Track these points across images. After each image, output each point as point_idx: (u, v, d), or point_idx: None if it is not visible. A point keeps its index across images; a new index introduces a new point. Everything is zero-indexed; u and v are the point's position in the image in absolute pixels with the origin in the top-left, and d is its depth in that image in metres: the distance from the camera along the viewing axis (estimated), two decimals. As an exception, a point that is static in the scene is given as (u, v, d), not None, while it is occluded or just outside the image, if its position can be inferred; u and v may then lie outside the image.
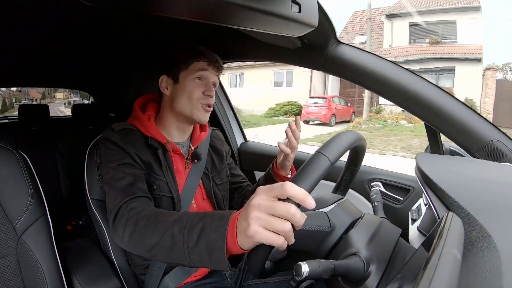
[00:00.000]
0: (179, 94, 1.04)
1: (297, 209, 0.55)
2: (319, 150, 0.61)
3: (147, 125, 1.02)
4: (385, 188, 1.39)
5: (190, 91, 1.03)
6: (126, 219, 0.82)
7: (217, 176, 1.17)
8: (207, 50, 1.07)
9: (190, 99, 1.03)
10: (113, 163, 0.94)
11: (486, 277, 0.47)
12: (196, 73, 1.03)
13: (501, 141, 0.92)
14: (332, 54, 1.06)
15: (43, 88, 11.47)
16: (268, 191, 0.58)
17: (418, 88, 0.97)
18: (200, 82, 1.04)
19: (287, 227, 0.55)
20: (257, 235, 0.56)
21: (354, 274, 0.61)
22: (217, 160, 1.20)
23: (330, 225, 0.71)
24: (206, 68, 1.04)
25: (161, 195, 0.99)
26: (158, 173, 1.00)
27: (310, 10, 0.75)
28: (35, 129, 2.18)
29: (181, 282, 1.02)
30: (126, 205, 0.85)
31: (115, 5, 0.54)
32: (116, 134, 0.98)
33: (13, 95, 10.10)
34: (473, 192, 0.66)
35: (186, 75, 1.04)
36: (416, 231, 0.86)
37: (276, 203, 0.56)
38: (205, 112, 1.05)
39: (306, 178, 0.58)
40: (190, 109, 1.03)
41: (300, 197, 0.55)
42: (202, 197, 1.11)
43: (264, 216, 0.56)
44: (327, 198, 0.79)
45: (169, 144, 1.02)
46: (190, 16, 0.63)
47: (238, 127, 2.01)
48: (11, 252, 0.89)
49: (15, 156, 0.95)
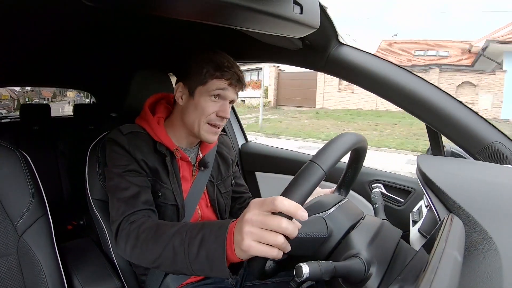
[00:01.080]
0: (191, 109, 0.97)
1: (288, 222, 0.56)
2: (312, 159, 0.60)
3: (156, 130, 0.99)
4: (386, 189, 1.39)
5: (203, 110, 0.96)
6: (127, 233, 0.82)
7: (222, 184, 1.14)
8: (231, 64, 0.96)
9: (200, 117, 0.96)
10: (118, 169, 0.92)
11: (487, 280, 0.47)
12: (213, 91, 0.95)
13: (503, 143, 0.91)
14: (334, 56, 1.06)
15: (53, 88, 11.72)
16: (261, 206, 0.59)
17: (420, 90, 0.97)
18: (216, 101, 0.96)
19: (279, 240, 0.57)
20: (251, 249, 0.58)
21: (354, 275, 0.61)
22: (223, 168, 1.17)
23: (328, 230, 0.70)
24: (226, 88, 0.95)
25: (166, 204, 0.98)
26: (164, 181, 0.98)
27: (311, 11, 0.75)
28: (36, 129, 2.18)
29: (182, 283, 1.02)
30: (127, 219, 0.86)
31: (117, 5, 0.54)
32: (124, 137, 0.95)
33: (26, 95, 10.33)
34: (474, 194, 0.66)
35: (202, 92, 0.96)
36: (417, 232, 0.86)
37: (268, 218, 0.57)
38: (214, 134, 1.00)
39: (297, 190, 0.57)
40: (198, 129, 0.98)
41: (291, 211, 0.56)
42: (206, 205, 1.10)
43: (256, 231, 0.58)
44: (327, 201, 0.78)
45: (177, 152, 0.99)
46: (192, 16, 0.63)
47: (239, 128, 2.01)
48: (11, 252, 0.90)
49: (16, 155, 0.95)
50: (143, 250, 0.77)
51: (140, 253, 0.78)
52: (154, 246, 0.75)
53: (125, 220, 0.86)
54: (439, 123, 0.97)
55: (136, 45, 1.48)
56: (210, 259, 0.65)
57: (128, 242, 0.81)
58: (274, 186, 1.78)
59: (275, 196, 0.57)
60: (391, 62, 1.02)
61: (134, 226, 0.82)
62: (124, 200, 0.89)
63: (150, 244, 0.76)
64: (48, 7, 0.95)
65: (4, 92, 10.15)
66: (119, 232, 0.85)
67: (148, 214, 0.89)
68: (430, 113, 0.97)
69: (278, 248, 0.58)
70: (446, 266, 0.42)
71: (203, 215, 1.08)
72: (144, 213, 0.88)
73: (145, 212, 0.89)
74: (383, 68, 1.01)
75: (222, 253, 0.63)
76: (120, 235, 0.84)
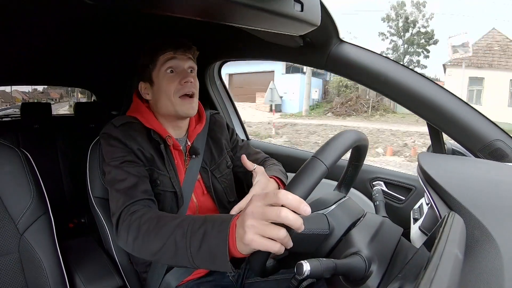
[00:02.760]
0: (158, 96, 1.00)
1: (288, 211, 0.56)
2: (315, 155, 0.61)
3: (148, 116, 1.00)
4: (387, 187, 1.39)
5: (166, 87, 0.98)
6: (128, 224, 0.82)
7: (216, 169, 1.13)
8: (168, 39, 1.00)
9: (168, 95, 0.98)
10: (115, 161, 0.93)
11: (488, 278, 0.47)
12: (164, 66, 0.98)
13: (504, 141, 0.91)
14: (335, 53, 1.05)
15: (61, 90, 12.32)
16: (263, 198, 0.59)
17: (421, 87, 0.97)
18: (173, 74, 0.99)
19: (282, 233, 0.57)
20: (253, 243, 0.58)
21: (355, 273, 0.61)
22: (216, 152, 1.15)
23: (329, 227, 0.70)
24: (173, 57, 0.99)
25: (164, 191, 0.99)
26: (161, 169, 0.99)
27: (312, 9, 0.75)
28: (37, 127, 2.18)
29: (182, 280, 1.02)
30: (127, 209, 0.85)
31: (117, 3, 0.54)
32: (117, 129, 0.96)
33: (35, 97, 10.76)
34: (475, 192, 0.66)
35: (157, 73, 0.99)
36: (418, 230, 0.86)
37: (269, 209, 0.57)
38: (188, 104, 1.00)
39: (300, 185, 0.57)
40: (173, 107, 0.99)
41: (293, 205, 0.55)
42: (202, 192, 1.09)
43: (258, 224, 0.58)
44: (328, 198, 0.78)
45: (170, 139, 1.00)
46: (193, 14, 0.63)
47: (239, 125, 2.00)
48: (13, 250, 0.90)
49: (17, 154, 0.95)
50: (144, 241, 0.77)
51: (142, 245, 0.78)
52: (155, 238, 0.75)
53: (125, 210, 0.85)
54: (440, 120, 0.97)
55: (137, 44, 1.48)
56: (212, 254, 0.65)
57: (129, 233, 0.81)
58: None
59: (278, 189, 0.57)
60: (392, 60, 1.02)
61: (135, 216, 0.82)
62: (123, 191, 0.89)
63: (151, 236, 0.76)
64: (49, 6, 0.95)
65: (18, 95, 10.68)
66: (119, 224, 0.85)
67: (148, 204, 0.89)
68: (431, 110, 0.97)
69: (281, 243, 0.58)
70: (447, 264, 0.42)
71: (200, 204, 1.07)
72: (144, 203, 0.88)
73: (145, 202, 0.89)
74: (384, 66, 1.00)
75: (224, 248, 0.63)
76: (121, 226, 0.84)
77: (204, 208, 1.08)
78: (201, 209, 1.07)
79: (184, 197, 1.02)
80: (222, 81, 1.88)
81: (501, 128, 0.94)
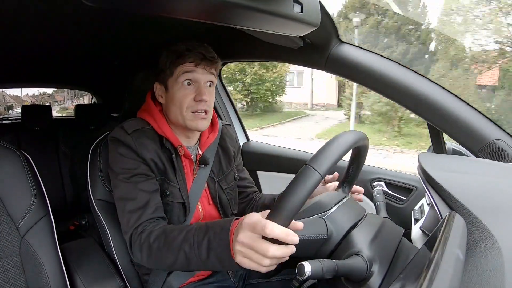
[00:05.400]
0: (171, 104, 0.96)
1: (277, 248, 0.60)
2: (308, 163, 0.60)
3: (160, 122, 0.97)
4: (387, 187, 1.39)
5: (180, 99, 0.93)
6: (139, 244, 0.85)
7: (223, 179, 1.11)
8: (192, 47, 0.93)
9: (180, 108, 0.94)
10: (125, 174, 0.90)
11: (489, 277, 0.47)
12: (182, 77, 0.93)
13: (504, 140, 0.91)
14: (334, 54, 1.05)
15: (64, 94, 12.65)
16: (253, 229, 0.63)
17: (421, 87, 0.97)
18: (190, 87, 0.94)
19: (265, 262, 0.61)
20: (243, 264, 0.65)
21: (356, 274, 0.61)
22: (225, 162, 1.13)
23: (328, 232, 0.70)
24: (193, 70, 0.93)
25: (173, 202, 0.97)
26: (171, 180, 0.97)
27: (312, 10, 0.75)
28: (38, 129, 2.19)
29: (184, 282, 1.02)
30: (136, 230, 0.88)
31: (117, 5, 0.54)
32: (130, 136, 0.92)
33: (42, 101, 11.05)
34: (476, 192, 0.66)
35: (173, 82, 0.94)
36: (419, 230, 0.86)
37: (256, 244, 0.61)
38: (200, 120, 0.95)
39: (287, 208, 0.58)
40: (183, 120, 0.95)
41: (281, 238, 0.59)
42: (208, 202, 1.08)
43: (246, 251, 0.64)
44: (329, 200, 0.77)
45: (181, 148, 0.97)
46: (193, 16, 0.63)
47: (240, 126, 2.00)
48: (14, 252, 0.90)
49: (17, 156, 0.95)
50: (157, 258, 0.82)
51: (156, 261, 0.83)
52: (167, 253, 0.79)
53: (134, 232, 0.88)
54: (441, 120, 0.97)
55: (137, 46, 1.48)
56: (219, 259, 0.71)
57: (142, 252, 0.84)
58: (276, 185, 1.77)
59: (265, 221, 0.59)
60: (392, 60, 1.02)
61: (144, 236, 0.85)
62: (133, 211, 0.89)
63: (163, 252, 0.80)
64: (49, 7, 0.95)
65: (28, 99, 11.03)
66: (132, 244, 0.88)
67: (157, 222, 0.90)
68: (431, 110, 0.97)
69: (270, 263, 0.62)
70: (448, 264, 0.42)
71: (205, 213, 1.06)
72: (152, 221, 0.89)
73: (154, 220, 0.90)
74: (385, 66, 1.00)
75: (228, 254, 0.68)
76: (134, 246, 0.87)
77: (208, 217, 1.07)
78: (205, 218, 1.06)
79: (190, 206, 1.01)
80: (221, 78, 1.88)
81: (502, 128, 0.94)
